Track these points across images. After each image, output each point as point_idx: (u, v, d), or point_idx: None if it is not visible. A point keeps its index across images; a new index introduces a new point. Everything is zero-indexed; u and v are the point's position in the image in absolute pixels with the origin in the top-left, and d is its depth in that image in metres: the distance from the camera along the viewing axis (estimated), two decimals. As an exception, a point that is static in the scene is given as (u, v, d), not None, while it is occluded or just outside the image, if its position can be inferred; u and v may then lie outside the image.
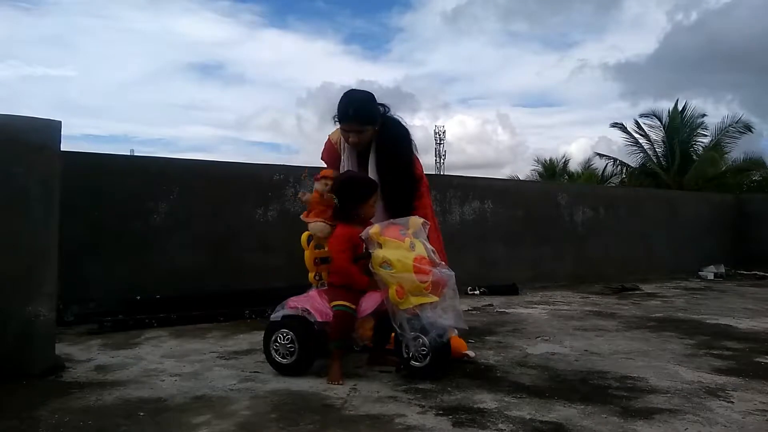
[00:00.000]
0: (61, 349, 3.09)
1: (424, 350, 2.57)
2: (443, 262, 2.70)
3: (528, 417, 2.13)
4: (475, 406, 2.26)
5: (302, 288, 2.93)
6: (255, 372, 2.77)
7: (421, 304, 2.55)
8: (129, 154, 5.81)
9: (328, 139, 3.17)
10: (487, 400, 2.34)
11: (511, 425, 2.05)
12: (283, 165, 5.30)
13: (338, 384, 2.52)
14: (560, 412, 2.20)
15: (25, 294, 2.64)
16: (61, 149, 2.82)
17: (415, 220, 2.71)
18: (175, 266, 4.59)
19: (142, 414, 2.16)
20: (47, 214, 2.72)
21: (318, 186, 2.92)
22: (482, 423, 2.07)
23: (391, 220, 2.72)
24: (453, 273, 2.67)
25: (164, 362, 2.97)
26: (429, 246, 2.68)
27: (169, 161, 4.93)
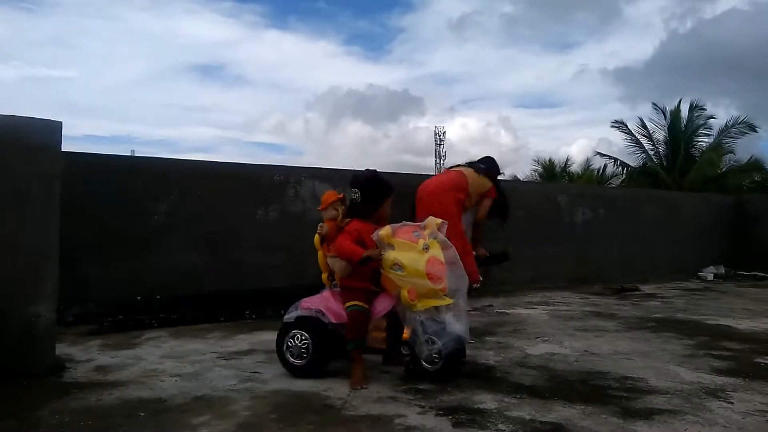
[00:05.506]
0: (62, 349, 3.09)
1: (437, 355, 2.52)
2: (460, 263, 2.64)
3: (528, 417, 2.14)
4: (475, 406, 2.26)
5: (302, 287, 2.93)
6: (255, 372, 2.77)
7: (435, 307, 2.49)
8: (130, 154, 5.81)
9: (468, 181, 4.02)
10: (487, 400, 2.34)
11: (511, 425, 2.05)
12: (284, 166, 5.29)
13: (362, 388, 2.48)
14: (560, 412, 2.20)
15: (25, 294, 2.64)
16: (62, 150, 2.82)
17: (432, 221, 2.66)
18: (176, 266, 4.58)
19: (142, 414, 2.17)
20: (48, 215, 2.72)
21: (329, 214, 2.84)
22: (482, 423, 2.07)
23: (405, 222, 2.67)
24: (467, 278, 2.61)
25: (164, 362, 2.97)
26: (449, 244, 2.62)
27: (170, 162, 4.93)
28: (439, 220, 2.69)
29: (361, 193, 2.74)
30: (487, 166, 4.48)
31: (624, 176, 19.42)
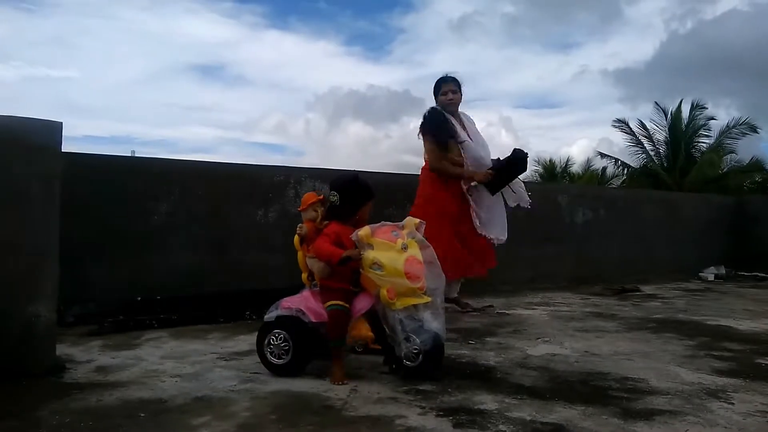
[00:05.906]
0: (62, 349, 3.09)
1: (416, 350, 2.57)
2: (438, 263, 2.70)
3: (528, 418, 2.14)
4: (476, 407, 2.26)
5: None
6: (255, 373, 2.77)
7: (414, 305, 2.55)
8: (130, 155, 5.81)
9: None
10: (487, 401, 2.34)
11: (511, 426, 2.05)
12: (284, 166, 5.30)
13: (342, 384, 2.53)
14: (561, 413, 2.20)
15: (25, 295, 2.64)
16: (63, 150, 2.82)
17: (410, 221, 2.73)
18: (176, 267, 4.58)
19: (142, 415, 2.17)
20: (48, 215, 2.72)
21: (308, 215, 2.87)
22: (483, 424, 2.07)
23: (384, 222, 2.72)
24: (444, 277, 2.67)
25: (165, 363, 2.97)
26: (427, 244, 2.69)
27: (170, 162, 4.93)
28: (417, 220, 2.75)
29: (340, 196, 2.76)
30: None
31: (624, 177, 19.47)
